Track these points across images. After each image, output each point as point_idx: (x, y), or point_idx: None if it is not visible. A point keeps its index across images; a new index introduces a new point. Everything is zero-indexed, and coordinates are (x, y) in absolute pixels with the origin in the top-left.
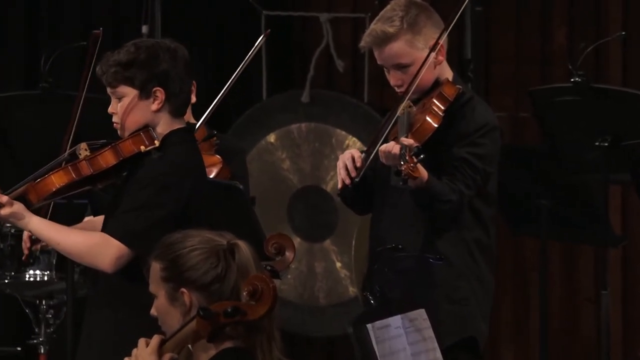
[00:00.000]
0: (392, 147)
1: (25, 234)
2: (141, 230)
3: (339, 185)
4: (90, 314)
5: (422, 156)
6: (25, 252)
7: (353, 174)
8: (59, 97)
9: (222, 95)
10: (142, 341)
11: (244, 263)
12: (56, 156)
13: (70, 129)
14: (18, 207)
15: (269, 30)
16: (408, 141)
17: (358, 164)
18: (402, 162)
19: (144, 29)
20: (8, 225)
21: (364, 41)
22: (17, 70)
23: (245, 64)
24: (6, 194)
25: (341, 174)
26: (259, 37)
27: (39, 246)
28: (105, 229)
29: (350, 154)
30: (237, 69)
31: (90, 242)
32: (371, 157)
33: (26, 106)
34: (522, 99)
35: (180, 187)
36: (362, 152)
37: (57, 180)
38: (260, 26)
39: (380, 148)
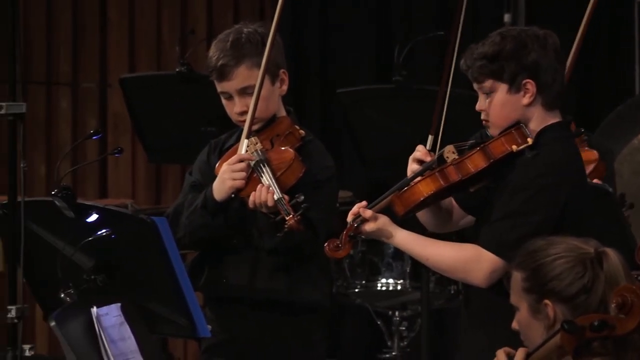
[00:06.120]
0: None
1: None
2: (515, 240)
3: None
4: (465, 336)
5: None
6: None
7: None
8: (413, 93)
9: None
10: (501, 352)
11: (613, 273)
12: (406, 157)
13: (436, 128)
14: (383, 221)
15: None
16: None
17: None
18: None
19: (506, 17)
20: None
21: None
22: (369, 62)
23: None
24: (370, 207)
25: None
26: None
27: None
28: (477, 239)
29: None
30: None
31: (462, 257)
32: None
33: (376, 101)
34: None
35: (557, 189)
36: None
37: (424, 188)
38: (632, 14)
39: None
